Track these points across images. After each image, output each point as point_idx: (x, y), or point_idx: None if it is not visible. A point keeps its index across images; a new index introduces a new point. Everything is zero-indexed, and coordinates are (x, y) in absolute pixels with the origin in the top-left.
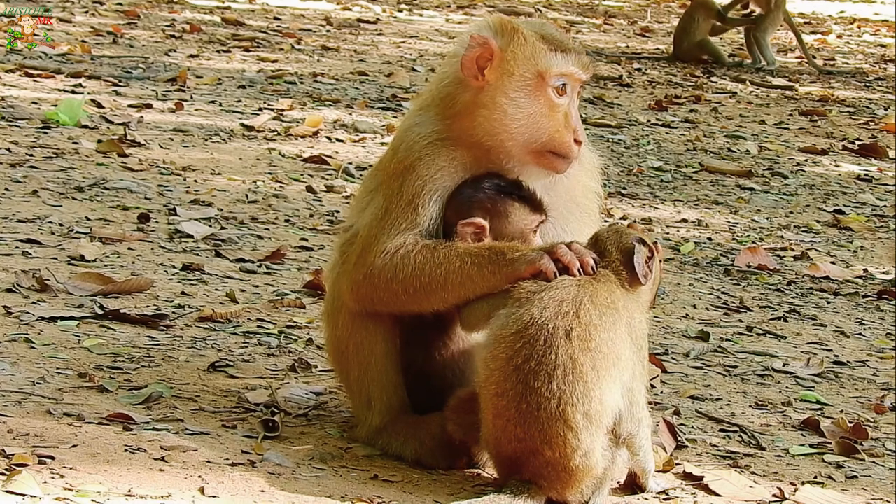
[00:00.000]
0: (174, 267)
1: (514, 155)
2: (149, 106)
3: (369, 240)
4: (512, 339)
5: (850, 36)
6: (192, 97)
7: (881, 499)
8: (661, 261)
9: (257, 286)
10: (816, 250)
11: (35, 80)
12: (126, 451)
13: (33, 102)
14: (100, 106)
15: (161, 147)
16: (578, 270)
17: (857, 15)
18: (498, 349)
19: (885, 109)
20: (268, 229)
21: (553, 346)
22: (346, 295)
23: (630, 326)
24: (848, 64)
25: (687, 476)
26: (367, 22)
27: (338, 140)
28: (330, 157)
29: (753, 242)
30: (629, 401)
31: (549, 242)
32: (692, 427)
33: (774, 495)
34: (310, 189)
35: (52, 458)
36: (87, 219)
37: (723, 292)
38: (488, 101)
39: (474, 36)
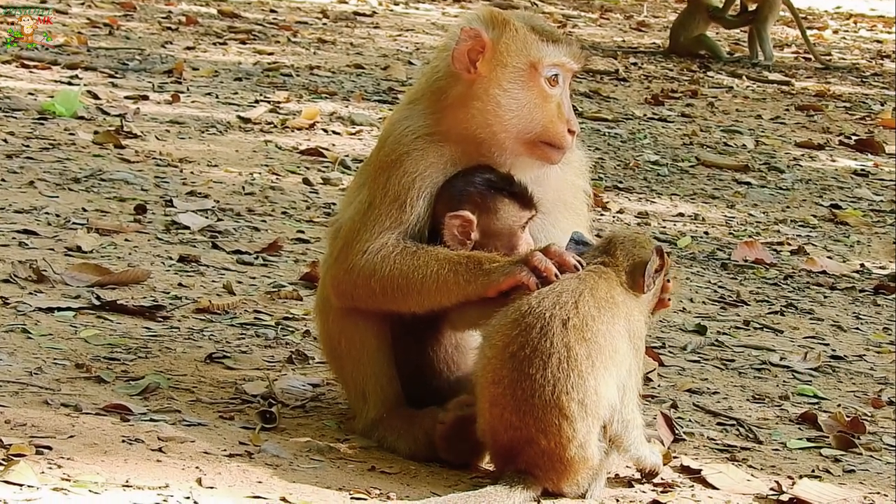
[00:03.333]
0: (171, 258)
1: (507, 147)
2: (145, 98)
3: (352, 235)
4: (509, 327)
5: (847, 31)
6: (188, 89)
7: (879, 492)
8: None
9: (254, 278)
10: (813, 245)
11: (31, 72)
12: (123, 441)
13: (30, 93)
14: (96, 97)
15: (157, 139)
16: (575, 268)
17: (854, 10)
18: (495, 338)
19: (882, 105)
20: (264, 221)
21: (549, 335)
22: (329, 289)
23: (629, 323)
24: (844, 59)
25: (684, 469)
26: (364, 15)
27: (334, 133)
28: (326, 149)
29: (750, 237)
30: (620, 400)
31: (526, 251)
32: (690, 420)
33: (772, 489)
34: (306, 181)
35: (49, 448)
36: (84, 210)
37: (720, 286)
38: (481, 93)
39: (465, 28)
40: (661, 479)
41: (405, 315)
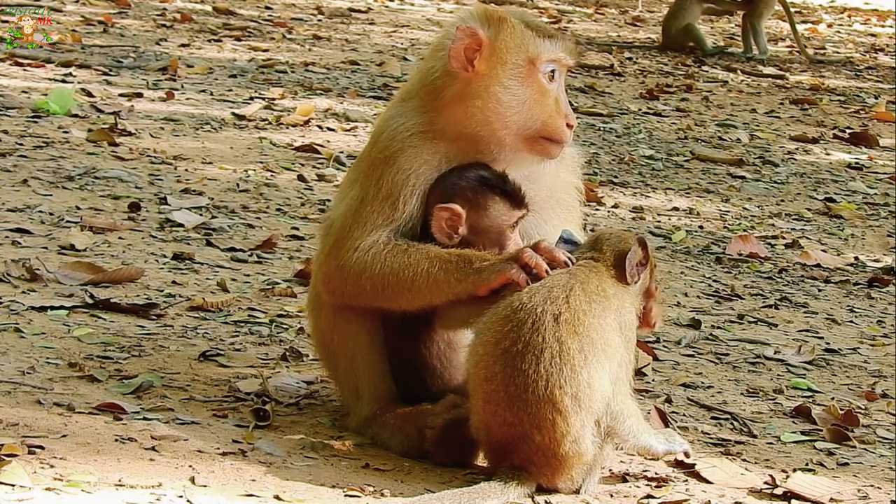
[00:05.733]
0: (165, 256)
1: (506, 144)
2: (139, 95)
3: (343, 232)
4: (501, 323)
5: (841, 25)
6: (182, 86)
7: (872, 485)
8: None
9: (248, 275)
10: (807, 238)
11: (25, 69)
12: (116, 440)
13: (23, 91)
14: (90, 95)
15: (152, 136)
16: (565, 263)
17: (848, 4)
18: (487, 334)
19: (876, 98)
20: (259, 218)
21: (540, 329)
22: (320, 286)
23: (619, 315)
24: (838, 53)
25: (679, 464)
26: (359, 11)
27: (329, 129)
28: (321, 146)
29: (745, 230)
30: (612, 392)
31: (516, 249)
32: (684, 415)
33: (766, 482)
34: (301, 178)
35: (41, 448)
36: (78, 208)
37: (714, 280)
38: (481, 91)
39: (461, 27)
40: (655, 473)
41: (396, 312)
